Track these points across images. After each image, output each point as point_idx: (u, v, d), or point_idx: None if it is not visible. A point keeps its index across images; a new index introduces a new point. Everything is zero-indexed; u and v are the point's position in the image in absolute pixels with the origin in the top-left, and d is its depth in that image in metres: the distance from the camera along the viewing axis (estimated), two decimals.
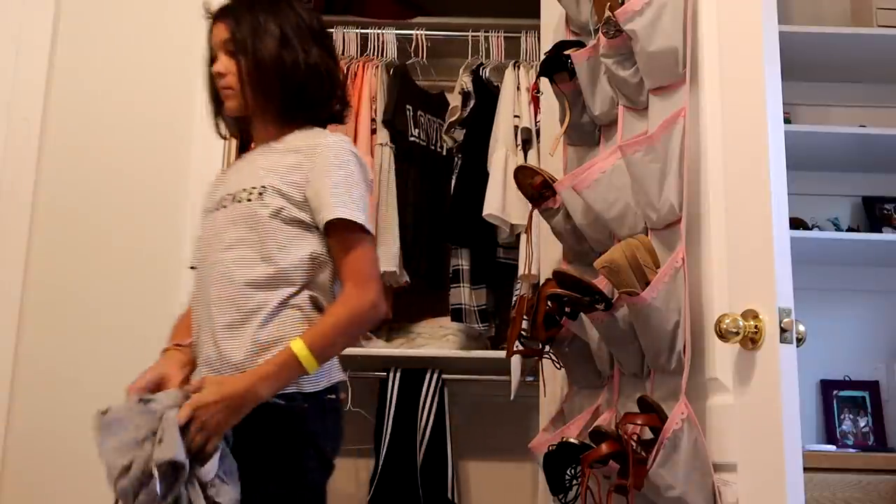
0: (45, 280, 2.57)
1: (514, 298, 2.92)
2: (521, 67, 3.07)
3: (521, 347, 2.08)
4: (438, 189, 3.15)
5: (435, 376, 2.99)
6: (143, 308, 2.58)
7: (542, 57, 2.14)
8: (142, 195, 2.64)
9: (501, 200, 2.87)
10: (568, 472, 1.79)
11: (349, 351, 3.03)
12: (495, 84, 3.11)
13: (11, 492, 2.47)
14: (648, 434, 1.59)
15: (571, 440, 1.74)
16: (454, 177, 3.07)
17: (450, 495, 2.89)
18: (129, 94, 2.71)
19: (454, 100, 3.19)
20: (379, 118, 3.04)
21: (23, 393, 2.51)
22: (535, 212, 2.08)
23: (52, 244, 2.60)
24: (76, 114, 2.67)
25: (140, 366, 2.61)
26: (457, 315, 2.98)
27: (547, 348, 2.01)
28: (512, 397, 2.88)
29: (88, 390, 2.51)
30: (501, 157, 2.92)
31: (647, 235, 1.74)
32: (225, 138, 2.02)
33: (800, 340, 1.36)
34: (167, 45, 2.74)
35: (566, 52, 2.01)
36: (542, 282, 2.12)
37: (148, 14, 2.76)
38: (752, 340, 1.38)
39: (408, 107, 3.10)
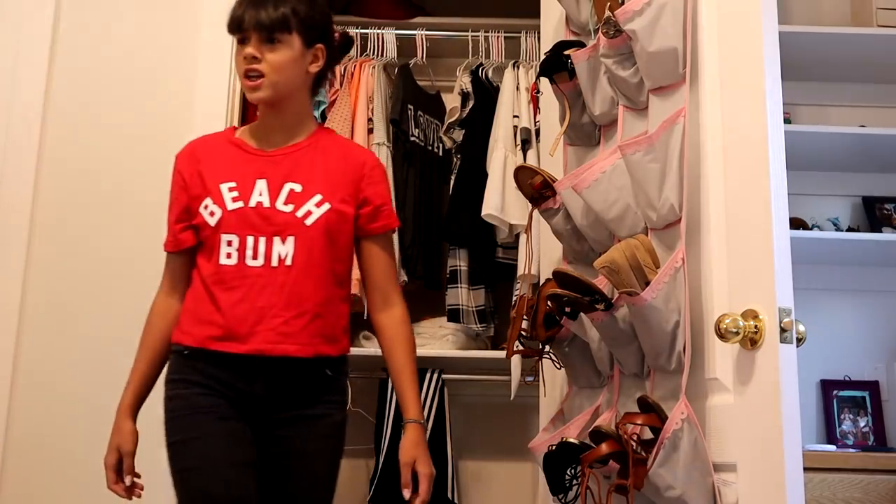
0: (45, 281, 2.57)
1: (514, 298, 2.92)
2: (521, 67, 3.07)
3: (521, 347, 2.08)
4: (436, 190, 3.15)
5: (435, 376, 3.00)
6: (144, 309, 2.58)
7: (542, 57, 2.14)
8: (142, 194, 2.64)
9: (500, 200, 2.87)
10: (568, 472, 1.79)
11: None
12: (495, 84, 3.12)
13: (12, 492, 2.48)
14: (648, 434, 1.59)
15: (571, 440, 1.74)
16: (453, 177, 3.07)
17: (450, 495, 2.89)
18: (128, 94, 2.71)
19: (453, 100, 3.19)
20: (376, 118, 3.05)
21: (23, 394, 2.51)
22: (535, 212, 2.08)
23: (52, 245, 2.60)
24: (76, 114, 2.67)
25: None
26: (454, 316, 2.98)
27: (547, 348, 2.01)
28: (512, 397, 2.88)
29: (88, 392, 2.52)
30: (500, 158, 2.92)
31: (647, 235, 1.74)
32: None
33: (800, 340, 1.36)
34: (167, 45, 2.74)
35: (566, 52, 2.01)
36: (542, 282, 2.12)
37: (148, 14, 2.76)
38: (752, 340, 1.38)
39: (409, 106, 3.11)
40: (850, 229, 2.91)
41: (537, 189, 2.03)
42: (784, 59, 1.46)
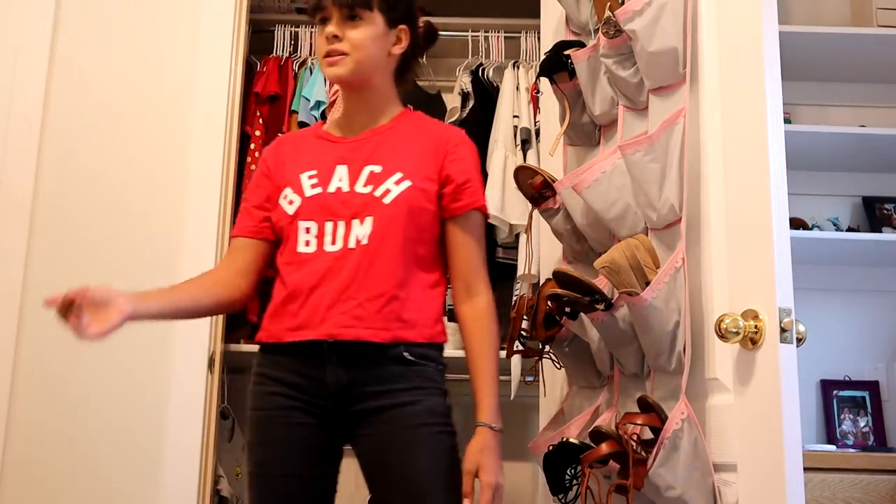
0: (45, 280, 2.57)
1: (514, 298, 2.92)
2: (521, 67, 3.07)
3: (521, 347, 2.08)
4: None
5: None
6: None
7: (542, 57, 2.14)
8: (142, 195, 2.65)
9: (500, 200, 2.87)
10: (568, 472, 1.79)
11: None
12: (495, 84, 3.12)
13: (11, 492, 2.48)
14: (648, 434, 1.59)
15: (571, 440, 1.74)
16: None
17: None
18: (128, 93, 2.71)
19: (453, 100, 3.19)
20: None
21: (23, 393, 2.51)
22: (535, 212, 2.08)
23: (52, 244, 2.60)
24: (76, 114, 2.67)
25: (140, 365, 2.62)
26: (453, 315, 2.97)
27: (547, 348, 2.01)
28: (512, 397, 2.88)
29: (88, 390, 2.52)
30: (500, 157, 2.92)
31: (647, 235, 1.74)
32: None
33: (800, 340, 1.36)
34: (167, 45, 2.74)
35: (566, 52, 2.02)
36: (542, 282, 2.12)
37: (148, 14, 2.76)
38: (752, 340, 1.38)
39: (408, 107, 3.10)
40: (850, 229, 2.91)
41: (537, 189, 2.03)
42: (784, 59, 1.46)
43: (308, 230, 1.72)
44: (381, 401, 1.66)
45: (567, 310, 1.83)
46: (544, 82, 2.30)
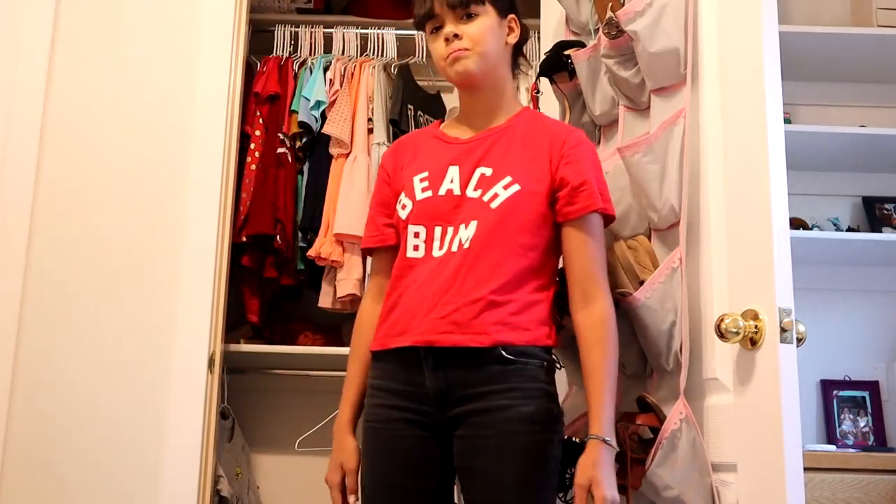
0: (45, 280, 2.57)
1: None
2: (521, 67, 3.07)
3: None
4: None
5: None
6: (144, 308, 2.58)
7: (542, 57, 2.14)
8: (142, 195, 2.64)
9: None
10: (568, 471, 1.78)
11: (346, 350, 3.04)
12: None
13: (11, 492, 2.47)
14: (648, 434, 1.59)
15: (572, 440, 1.74)
16: None
17: None
18: (129, 94, 2.70)
19: (453, 100, 3.19)
20: (376, 117, 3.05)
21: (23, 393, 2.51)
22: None
23: (52, 244, 2.60)
24: (76, 114, 2.67)
25: (139, 365, 2.61)
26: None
27: None
28: None
29: (88, 390, 2.52)
30: None
31: (649, 236, 1.74)
32: None
33: (800, 340, 1.36)
34: (167, 45, 2.74)
35: (566, 52, 2.02)
36: None
37: (148, 14, 2.76)
38: (752, 340, 1.38)
39: (409, 106, 3.10)
40: (850, 229, 2.91)
41: None
42: (784, 59, 1.47)
43: (417, 234, 1.71)
44: (477, 403, 1.62)
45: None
46: (544, 82, 2.30)
